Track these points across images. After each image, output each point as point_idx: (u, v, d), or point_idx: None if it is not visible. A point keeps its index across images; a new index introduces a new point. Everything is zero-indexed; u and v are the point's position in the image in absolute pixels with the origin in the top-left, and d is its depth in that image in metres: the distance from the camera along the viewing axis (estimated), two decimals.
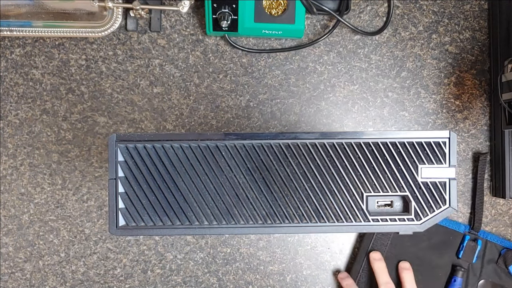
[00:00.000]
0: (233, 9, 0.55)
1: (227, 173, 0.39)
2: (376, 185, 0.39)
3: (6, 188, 0.61)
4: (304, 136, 0.39)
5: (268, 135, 0.39)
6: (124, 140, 0.38)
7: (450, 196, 0.39)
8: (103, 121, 0.61)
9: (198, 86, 0.61)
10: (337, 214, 0.39)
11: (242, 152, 0.39)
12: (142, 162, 0.38)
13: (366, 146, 0.39)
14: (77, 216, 0.61)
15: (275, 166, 0.39)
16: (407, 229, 0.40)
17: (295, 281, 0.62)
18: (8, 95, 0.61)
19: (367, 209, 0.39)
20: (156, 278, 0.62)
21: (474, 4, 0.63)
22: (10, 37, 0.60)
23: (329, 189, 0.39)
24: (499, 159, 0.60)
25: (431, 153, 0.39)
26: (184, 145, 0.38)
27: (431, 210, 0.39)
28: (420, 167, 0.39)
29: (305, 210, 0.39)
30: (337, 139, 0.39)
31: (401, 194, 0.39)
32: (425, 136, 0.39)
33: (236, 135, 0.39)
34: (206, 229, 0.39)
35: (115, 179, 0.38)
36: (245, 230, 0.39)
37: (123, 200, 0.38)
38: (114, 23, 0.58)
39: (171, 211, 0.39)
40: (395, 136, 0.39)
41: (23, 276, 0.61)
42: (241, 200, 0.39)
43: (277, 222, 0.39)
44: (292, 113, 0.62)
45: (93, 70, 0.61)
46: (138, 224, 0.39)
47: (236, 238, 0.62)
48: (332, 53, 0.62)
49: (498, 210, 0.62)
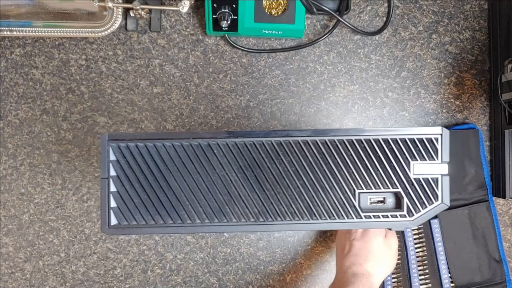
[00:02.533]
0: (233, 9, 0.55)
1: (219, 171, 0.39)
2: (368, 181, 0.39)
3: (6, 188, 0.61)
4: (296, 133, 0.39)
5: (260, 133, 0.39)
6: (116, 139, 0.38)
7: (442, 192, 0.39)
8: (103, 121, 0.61)
9: (198, 86, 0.61)
10: (329, 211, 0.39)
11: (234, 150, 0.39)
12: (134, 161, 0.38)
13: (358, 143, 0.39)
14: (77, 216, 0.61)
15: (267, 163, 0.39)
16: (399, 225, 0.40)
17: (295, 281, 0.62)
18: (8, 95, 0.61)
19: (359, 206, 0.39)
20: (156, 278, 0.62)
21: (474, 4, 0.63)
22: (10, 37, 0.60)
23: (321, 186, 0.39)
24: (499, 159, 0.60)
25: (423, 149, 0.39)
26: (176, 143, 0.38)
27: (423, 206, 0.39)
28: (413, 164, 0.39)
29: (297, 207, 0.39)
30: (329, 136, 0.39)
31: (394, 190, 0.39)
32: (417, 132, 0.39)
33: (228, 133, 0.39)
34: (198, 227, 0.39)
35: (107, 178, 0.38)
36: (237, 228, 0.39)
37: (115, 199, 0.38)
38: (114, 23, 0.58)
39: (163, 209, 0.39)
40: (387, 133, 0.39)
41: (23, 276, 0.61)
42: (233, 198, 0.39)
43: (269, 219, 0.39)
44: (292, 113, 0.62)
45: (93, 70, 0.61)
46: (130, 223, 0.38)
47: (236, 238, 0.62)
48: (332, 53, 0.62)
49: (498, 210, 0.62)
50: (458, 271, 0.60)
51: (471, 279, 0.60)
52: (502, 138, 0.59)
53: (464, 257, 0.60)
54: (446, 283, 0.59)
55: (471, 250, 0.60)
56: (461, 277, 0.60)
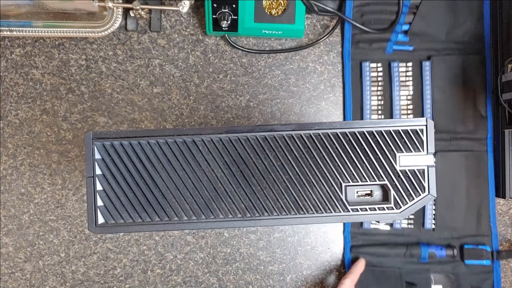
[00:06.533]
0: (233, 9, 0.55)
1: (205, 167, 0.39)
2: (354, 175, 0.39)
3: (6, 188, 0.61)
4: (280, 128, 0.38)
5: (245, 128, 0.38)
6: (101, 138, 0.38)
7: (429, 183, 0.39)
8: (103, 121, 0.61)
9: (198, 86, 0.61)
10: (316, 205, 0.39)
11: (219, 146, 0.38)
12: (119, 159, 0.38)
13: (343, 136, 0.39)
14: (77, 216, 0.61)
15: (253, 159, 0.39)
16: (387, 217, 0.40)
17: (295, 281, 0.62)
18: (8, 95, 0.61)
19: (346, 199, 0.39)
20: (156, 278, 0.62)
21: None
22: (10, 37, 0.60)
23: (307, 180, 0.39)
24: (499, 159, 0.60)
25: (408, 141, 0.39)
26: (161, 141, 0.38)
27: (410, 198, 0.39)
28: (398, 156, 0.39)
29: (284, 202, 0.39)
30: (313, 130, 0.39)
31: (380, 183, 0.39)
32: (402, 124, 0.39)
33: (212, 129, 0.38)
34: (186, 224, 0.39)
35: (93, 177, 0.38)
36: (225, 224, 0.39)
37: (102, 198, 0.38)
38: (114, 23, 0.58)
39: (150, 207, 0.39)
40: (372, 125, 0.39)
41: (23, 276, 0.61)
42: (220, 194, 0.39)
43: (257, 215, 0.39)
44: (292, 113, 0.62)
45: (93, 70, 0.61)
46: (117, 222, 0.38)
47: (236, 238, 0.62)
48: (332, 53, 0.62)
49: (498, 210, 0.62)
50: (442, 118, 0.60)
51: (453, 128, 0.60)
52: (502, 138, 0.59)
53: (450, 105, 0.60)
54: None
55: (458, 101, 0.60)
56: (444, 124, 0.60)
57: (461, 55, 0.60)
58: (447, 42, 0.60)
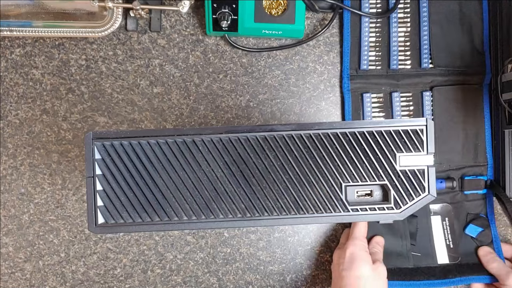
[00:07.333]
0: (233, 9, 0.55)
1: (205, 167, 0.39)
2: (354, 175, 0.39)
3: (6, 188, 0.61)
4: (280, 128, 0.38)
5: (245, 128, 0.38)
6: (101, 138, 0.38)
7: (429, 183, 0.39)
8: (103, 121, 0.61)
9: (198, 86, 0.61)
10: (316, 205, 0.39)
11: (219, 146, 0.38)
12: (119, 159, 0.38)
13: (343, 136, 0.39)
14: (77, 216, 0.61)
15: (253, 159, 0.39)
16: (387, 217, 0.40)
17: (295, 281, 0.62)
18: (8, 95, 0.61)
19: (346, 199, 0.39)
20: (156, 278, 0.62)
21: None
22: (10, 37, 0.60)
23: (307, 180, 0.39)
24: (499, 159, 0.60)
25: (408, 141, 0.39)
26: (161, 141, 0.38)
27: (410, 198, 0.39)
28: (398, 156, 0.39)
29: (284, 202, 0.39)
30: (313, 130, 0.39)
31: (380, 183, 0.39)
32: (402, 124, 0.39)
33: (212, 129, 0.38)
34: (186, 224, 0.39)
35: (93, 177, 0.38)
36: (225, 224, 0.39)
37: (102, 198, 0.38)
38: (114, 23, 0.58)
39: (150, 207, 0.39)
40: (372, 125, 0.39)
41: (23, 276, 0.61)
42: (220, 194, 0.39)
43: (256, 215, 0.39)
44: (292, 113, 0.62)
45: (93, 70, 0.61)
46: (117, 222, 0.39)
47: (236, 238, 0.62)
48: (332, 53, 0.62)
49: (498, 210, 0.62)
50: (440, 53, 0.60)
51: (451, 62, 0.60)
52: (502, 138, 0.59)
53: (449, 41, 0.60)
54: (425, 62, 0.60)
55: (456, 37, 0.60)
56: (441, 59, 0.60)
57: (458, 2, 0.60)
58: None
